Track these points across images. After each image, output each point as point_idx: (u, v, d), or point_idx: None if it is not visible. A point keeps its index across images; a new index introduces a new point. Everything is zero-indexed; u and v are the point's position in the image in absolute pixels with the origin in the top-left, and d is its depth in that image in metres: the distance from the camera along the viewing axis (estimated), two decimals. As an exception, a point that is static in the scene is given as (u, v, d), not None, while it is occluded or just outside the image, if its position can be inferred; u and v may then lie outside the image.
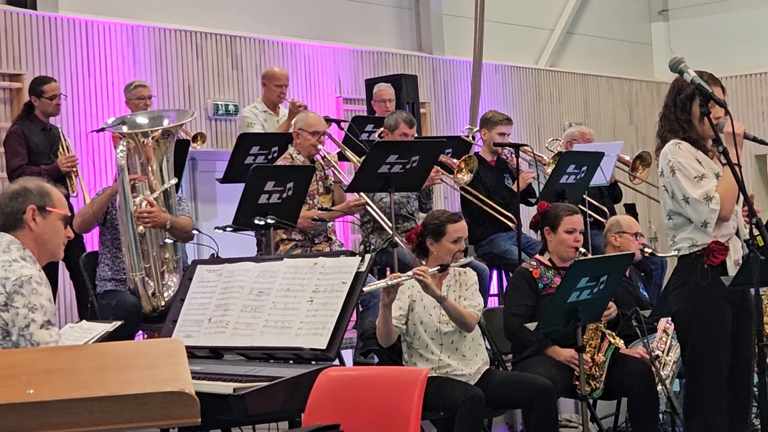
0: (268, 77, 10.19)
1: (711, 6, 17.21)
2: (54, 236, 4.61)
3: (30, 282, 4.38)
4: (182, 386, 3.12)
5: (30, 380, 3.15)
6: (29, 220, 4.54)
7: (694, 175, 5.33)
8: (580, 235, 6.69)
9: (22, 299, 4.35)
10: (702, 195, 5.30)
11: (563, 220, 6.65)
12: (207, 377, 4.82)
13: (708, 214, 5.30)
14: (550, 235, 6.69)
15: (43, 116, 8.90)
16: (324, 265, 5.23)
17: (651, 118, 5.36)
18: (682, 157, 5.37)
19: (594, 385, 6.42)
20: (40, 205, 4.56)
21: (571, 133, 10.25)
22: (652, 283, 8.79)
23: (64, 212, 4.65)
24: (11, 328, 4.36)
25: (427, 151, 7.88)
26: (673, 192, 5.40)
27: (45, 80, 9.01)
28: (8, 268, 4.41)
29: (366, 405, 4.45)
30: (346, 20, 13.18)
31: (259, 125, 9.84)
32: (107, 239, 7.39)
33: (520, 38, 15.44)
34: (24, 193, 4.58)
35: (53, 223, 4.60)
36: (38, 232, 4.56)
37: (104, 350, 3.57)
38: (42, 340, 4.35)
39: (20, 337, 4.35)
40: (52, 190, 4.64)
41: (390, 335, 5.96)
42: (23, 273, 4.40)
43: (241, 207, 7.34)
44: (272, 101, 10.09)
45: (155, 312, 7.14)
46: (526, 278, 6.63)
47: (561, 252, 6.65)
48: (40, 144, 8.74)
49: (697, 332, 5.44)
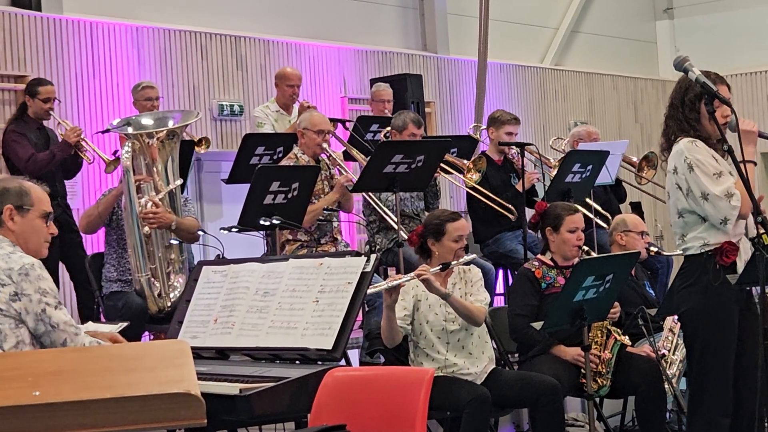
0: (281, 77, 10.19)
1: (716, 4, 17.19)
2: (33, 234, 4.73)
3: (34, 268, 4.54)
4: (188, 387, 3.12)
5: (36, 382, 3.16)
6: (7, 219, 4.67)
7: (713, 172, 5.28)
8: (582, 234, 6.70)
9: (31, 285, 4.50)
10: (723, 192, 5.24)
11: (565, 220, 6.66)
12: (213, 378, 4.82)
13: (728, 210, 5.25)
14: (552, 235, 6.70)
15: (35, 117, 8.87)
16: (330, 266, 5.23)
17: (656, 116, 5.33)
18: (700, 154, 5.32)
19: (601, 382, 6.42)
20: (17, 205, 4.68)
21: (578, 132, 10.24)
22: (658, 281, 8.79)
23: (43, 209, 4.74)
24: (26, 316, 4.49)
25: (433, 151, 7.87)
26: (689, 189, 5.32)
27: (41, 82, 8.99)
28: (8, 259, 4.55)
29: (372, 405, 4.45)
30: (350, 20, 13.18)
31: (269, 125, 9.85)
32: (113, 240, 7.39)
33: (524, 37, 15.44)
34: (2, 193, 4.70)
35: (32, 222, 4.72)
36: (18, 231, 4.68)
37: (110, 352, 3.58)
38: (60, 320, 4.54)
39: (39, 322, 4.50)
40: (32, 189, 4.75)
41: (394, 336, 5.96)
42: (24, 261, 4.55)
43: (247, 207, 7.34)
44: (284, 101, 10.09)
45: (161, 313, 7.14)
46: (529, 278, 6.64)
47: (564, 251, 6.66)
48: (39, 142, 8.73)
49: (706, 332, 5.40)
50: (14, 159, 8.67)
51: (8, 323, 4.47)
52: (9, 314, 4.47)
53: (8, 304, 4.46)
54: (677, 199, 5.42)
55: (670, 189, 5.47)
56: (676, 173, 5.39)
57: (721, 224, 5.28)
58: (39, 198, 4.75)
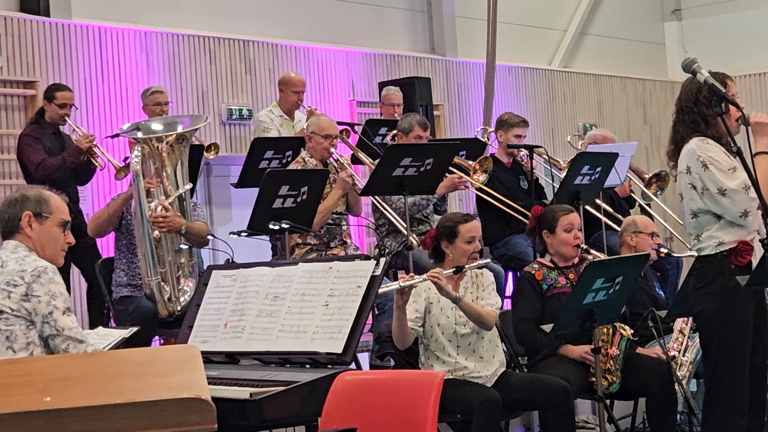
0: (285, 83, 10.18)
1: (724, 5, 17.17)
2: (50, 242, 4.78)
3: (46, 272, 4.60)
4: (198, 392, 3.12)
5: (46, 388, 3.17)
6: (25, 226, 4.74)
7: (727, 167, 5.27)
8: (579, 232, 6.71)
9: (42, 288, 4.56)
10: (740, 184, 5.22)
11: (560, 220, 6.68)
12: (223, 382, 4.83)
13: (747, 202, 5.24)
14: (549, 237, 6.71)
15: (51, 122, 8.91)
16: (339, 270, 5.23)
17: (665, 118, 5.32)
18: (712, 151, 5.31)
19: (610, 379, 6.41)
20: (36, 212, 4.75)
21: (594, 135, 10.21)
22: (668, 282, 8.77)
23: (62, 218, 4.80)
24: (34, 317, 4.55)
25: (441, 154, 7.87)
26: (705, 187, 5.31)
27: (59, 87, 9.03)
28: (22, 261, 4.62)
29: (382, 408, 4.45)
30: (359, 24, 13.18)
31: (275, 130, 9.85)
32: (123, 245, 7.39)
33: (533, 39, 15.43)
34: (22, 200, 4.78)
35: (49, 230, 4.78)
36: (35, 237, 4.75)
37: (120, 357, 3.59)
38: (66, 326, 4.57)
39: (45, 325, 4.55)
40: (52, 197, 4.82)
41: (405, 338, 5.95)
42: (38, 264, 4.61)
43: (256, 212, 7.34)
44: (289, 107, 10.09)
45: (171, 317, 7.14)
46: (530, 282, 6.65)
47: (562, 251, 6.67)
48: (53, 147, 8.76)
49: (722, 333, 5.39)
50: (27, 163, 8.72)
51: (19, 324, 4.53)
52: (20, 314, 4.53)
53: (19, 303, 4.53)
54: (691, 199, 5.40)
55: (683, 189, 5.44)
56: (689, 173, 5.37)
57: (741, 217, 5.26)
58: (58, 206, 4.82)
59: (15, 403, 3.11)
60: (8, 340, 4.53)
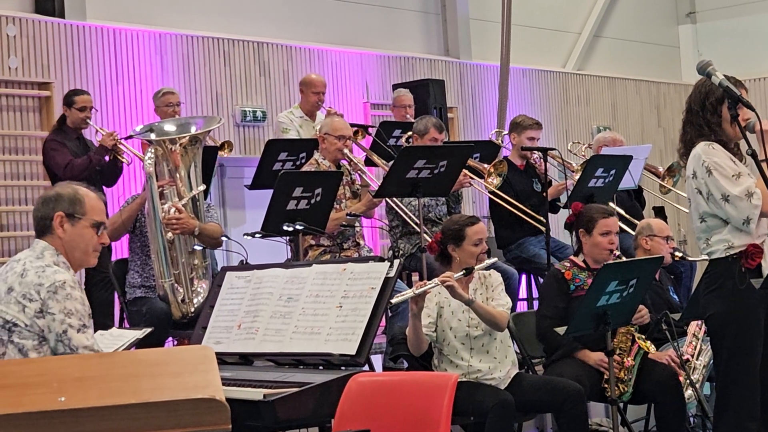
0: (306, 84, 10.21)
1: (739, 8, 17.13)
2: (82, 243, 4.58)
3: (64, 287, 4.39)
4: (213, 393, 3.13)
5: (61, 388, 3.17)
6: (57, 226, 4.54)
7: (731, 173, 5.27)
8: (615, 237, 6.67)
9: (58, 305, 4.36)
10: (743, 191, 5.22)
11: (598, 223, 6.64)
12: (237, 383, 4.83)
13: (750, 209, 5.23)
14: (585, 237, 6.68)
15: (73, 127, 8.98)
16: (353, 271, 5.23)
17: (679, 120, 5.30)
18: (717, 156, 5.31)
19: (622, 389, 6.40)
20: (68, 212, 4.55)
21: (603, 138, 10.21)
22: (682, 285, 8.75)
23: (95, 219, 4.61)
24: (48, 334, 4.38)
25: (455, 156, 7.87)
26: (709, 192, 5.31)
27: (77, 92, 9.13)
28: (42, 273, 4.43)
29: (396, 410, 4.45)
30: (373, 26, 13.19)
31: (295, 131, 9.87)
32: (137, 246, 7.41)
33: (547, 42, 15.42)
34: (55, 199, 4.58)
35: (81, 231, 4.57)
36: (66, 239, 4.55)
37: (135, 357, 3.59)
38: (80, 344, 4.36)
39: (58, 343, 4.36)
40: (87, 197, 4.62)
41: (421, 344, 5.95)
42: (56, 278, 4.41)
43: (270, 213, 7.35)
44: (309, 108, 10.11)
45: (185, 318, 7.15)
46: (557, 279, 6.63)
47: (596, 254, 6.64)
48: (77, 151, 8.85)
49: (732, 336, 5.37)
50: (54, 167, 8.79)
51: (31, 339, 4.37)
52: (33, 330, 4.37)
53: (33, 320, 4.36)
54: (698, 203, 5.40)
55: (690, 194, 5.46)
56: (695, 178, 5.37)
57: (744, 224, 5.26)
58: (92, 207, 4.61)
59: (30, 402, 3.11)
60: (21, 352, 4.38)
